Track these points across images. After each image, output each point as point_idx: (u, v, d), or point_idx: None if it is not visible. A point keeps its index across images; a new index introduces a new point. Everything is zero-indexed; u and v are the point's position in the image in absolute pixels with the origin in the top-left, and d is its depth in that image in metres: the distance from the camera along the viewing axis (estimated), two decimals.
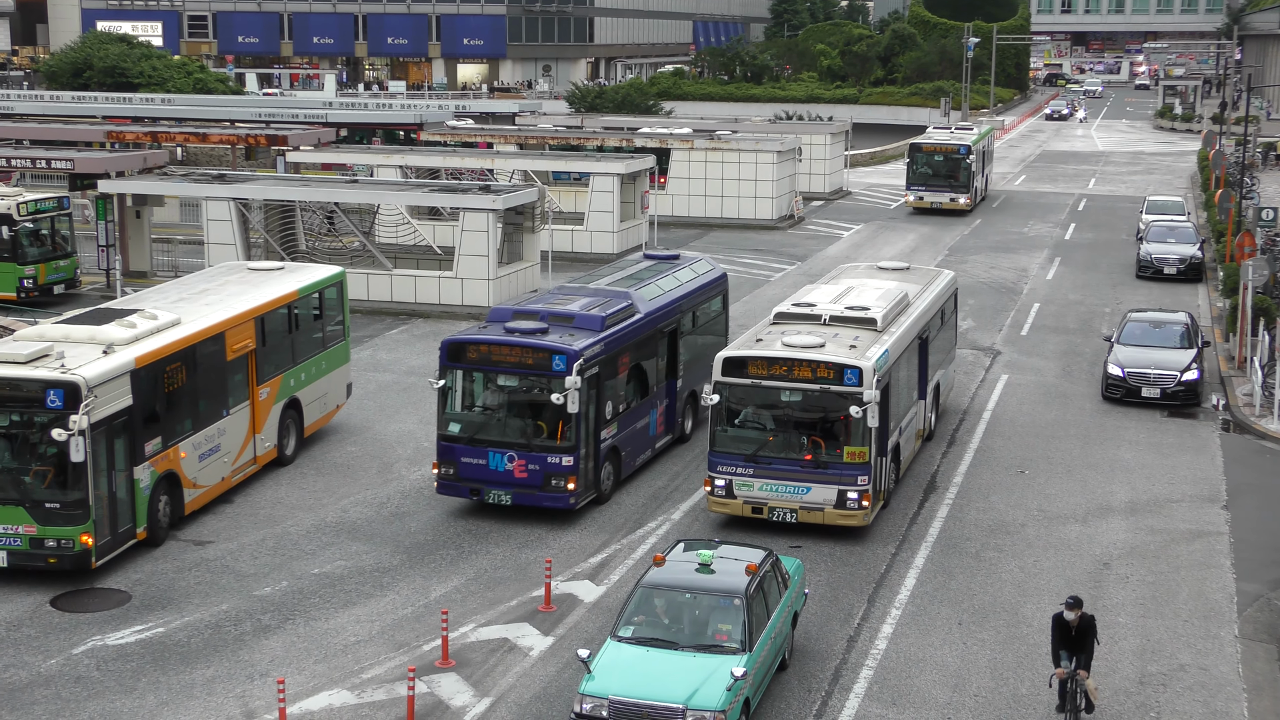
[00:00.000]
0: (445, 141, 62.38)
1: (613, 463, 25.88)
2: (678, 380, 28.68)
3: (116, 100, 77.75)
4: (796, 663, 19.70)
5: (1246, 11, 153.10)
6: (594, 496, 25.33)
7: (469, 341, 25.05)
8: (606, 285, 28.43)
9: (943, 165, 63.62)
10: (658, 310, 27.78)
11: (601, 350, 25.02)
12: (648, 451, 27.56)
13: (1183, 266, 48.29)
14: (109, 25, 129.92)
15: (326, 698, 18.61)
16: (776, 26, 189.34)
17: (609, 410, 25.51)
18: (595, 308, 26.18)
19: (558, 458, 24.31)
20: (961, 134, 68.16)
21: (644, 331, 26.97)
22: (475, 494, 24.73)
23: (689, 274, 30.31)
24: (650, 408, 27.54)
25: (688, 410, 29.47)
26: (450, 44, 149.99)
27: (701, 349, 29.76)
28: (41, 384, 21.65)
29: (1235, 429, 31.51)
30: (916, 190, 64.17)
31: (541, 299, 27.24)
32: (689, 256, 32.06)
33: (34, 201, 41.63)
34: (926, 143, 65.60)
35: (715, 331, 31.12)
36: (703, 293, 30.34)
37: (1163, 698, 18.96)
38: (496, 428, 24.94)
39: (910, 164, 64.64)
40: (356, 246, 43.43)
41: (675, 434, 28.96)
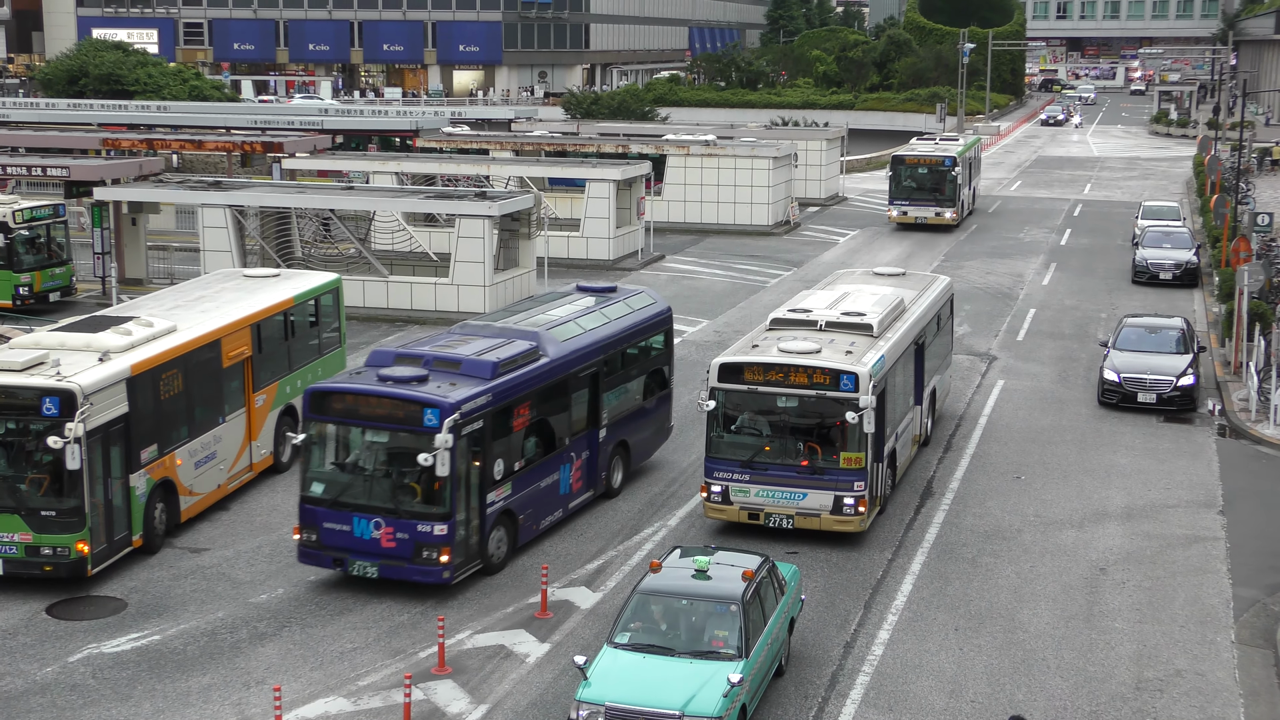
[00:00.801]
0: (441, 148, 62.41)
1: (506, 528, 22.91)
2: (601, 430, 25.78)
3: (112, 108, 77.78)
4: (793, 669, 19.69)
5: (1241, 17, 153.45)
6: (478, 567, 22.39)
7: (334, 391, 22.25)
8: (516, 323, 25.41)
9: (927, 178, 60.38)
10: (574, 353, 24.87)
11: (489, 401, 22.18)
12: (558, 512, 24.54)
13: (1178, 272, 48.33)
14: (104, 33, 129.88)
15: (323, 705, 18.59)
16: (772, 32, 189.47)
17: (499, 469, 22.60)
18: (489, 352, 23.26)
19: (429, 526, 21.42)
20: (947, 145, 65.03)
21: (552, 377, 24.09)
22: (339, 564, 21.91)
23: (622, 309, 27.35)
24: (562, 463, 24.57)
25: (616, 463, 26.50)
26: (446, 50, 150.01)
27: (636, 393, 27.40)
28: (37, 392, 21.64)
29: (1231, 434, 31.52)
30: (900, 205, 60.77)
31: (434, 340, 24.56)
32: (627, 290, 29.02)
33: (29, 209, 41.60)
34: (910, 154, 62.21)
35: (655, 373, 28.30)
36: (639, 331, 27.35)
37: (1159, 703, 18.96)
38: (363, 490, 22.00)
39: (893, 177, 60.97)
40: (352, 253, 43.42)
41: (598, 490, 25.94)
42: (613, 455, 26.36)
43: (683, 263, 52.06)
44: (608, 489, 26.35)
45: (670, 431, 28.83)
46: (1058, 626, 21.23)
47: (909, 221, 60.33)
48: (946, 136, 71.55)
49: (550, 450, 24.32)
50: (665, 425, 28.62)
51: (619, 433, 26.51)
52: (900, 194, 60.67)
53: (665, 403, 28.57)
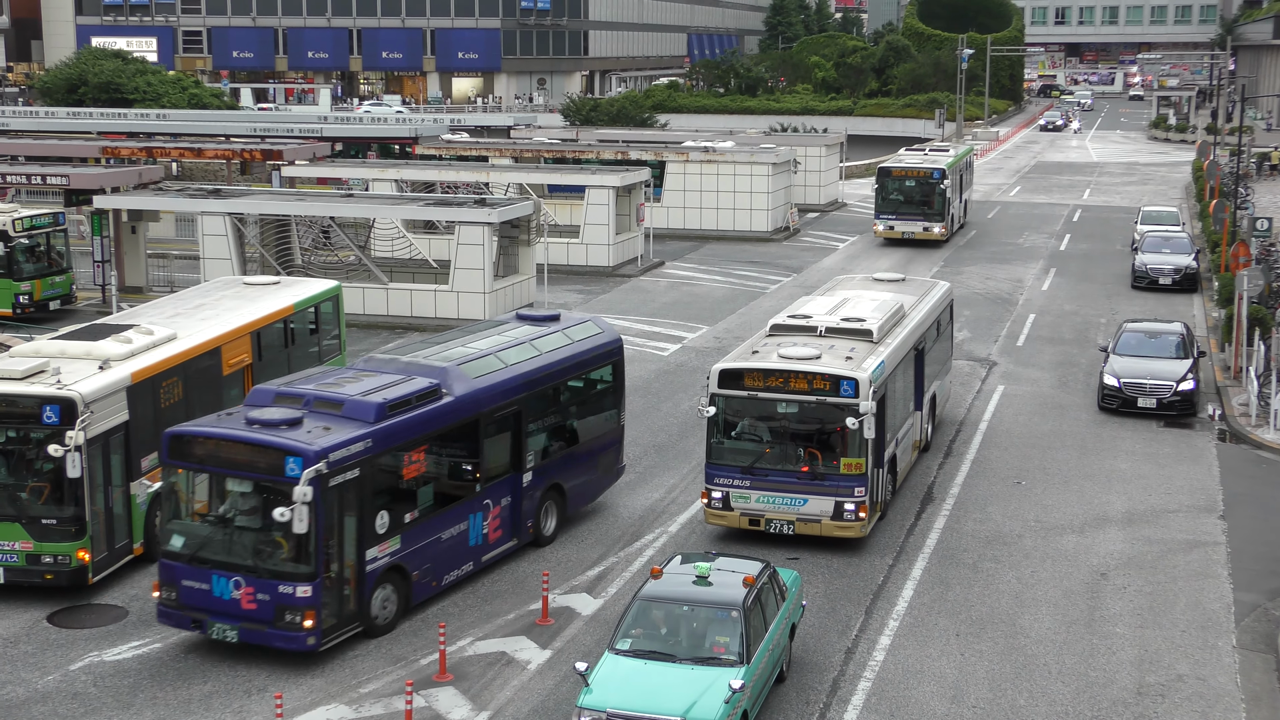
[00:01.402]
0: (440, 155, 62.44)
1: (395, 586, 20.88)
2: (525, 474, 23.66)
3: (111, 116, 77.77)
4: (794, 675, 19.68)
5: (1240, 22, 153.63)
6: (357, 630, 20.36)
7: (193, 435, 20.25)
8: (427, 357, 23.25)
9: (915, 191, 57.42)
10: (488, 390, 22.72)
11: (370, 448, 20.12)
12: (467, 565, 22.47)
13: (1178, 277, 48.35)
14: (104, 41, 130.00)
15: (324, 712, 18.58)
16: (771, 39, 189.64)
17: (383, 522, 20.50)
18: (379, 391, 21.16)
19: (291, 587, 19.34)
20: (936, 155, 61.49)
21: (457, 418, 21.99)
22: (198, 626, 19.97)
23: (559, 340, 25.17)
24: (471, 511, 22.47)
25: (549, 508, 24.41)
26: (445, 58, 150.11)
27: (574, 432, 25.33)
28: (37, 400, 21.64)
29: (1231, 439, 31.52)
30: (886, 219, 57.78)
31: (325, 377, 22.31)
32: (572, 318, 26.95)
33: (29, 217, 41.63)
34: (896, 166, 59.21)
35: (600, 409, 26.16)
36: (579, 363, 25.20)
37: (1161, 708, 18.96)
38: (223, 545, 19.99)
39: (878, 190, 58.03)
40: (352, 260, 43.44)
41: (523, 539, 23.84)
42: (543, 501, 24.16)
43: (682, 269, 52.08)
44: (536, 537, 24.12)
45: (621, 472, 26.71)
46: (1059, 632, 21.23)
47: (896, 236, 57.60)
48: (936, 147, 68.16)
49: (456, 498, 22.20)
50: (614, 466, 26.43)
51: (551, 476, 24.31)
52: (886, 208, 57.85)
53: (614, 442, 26.35)
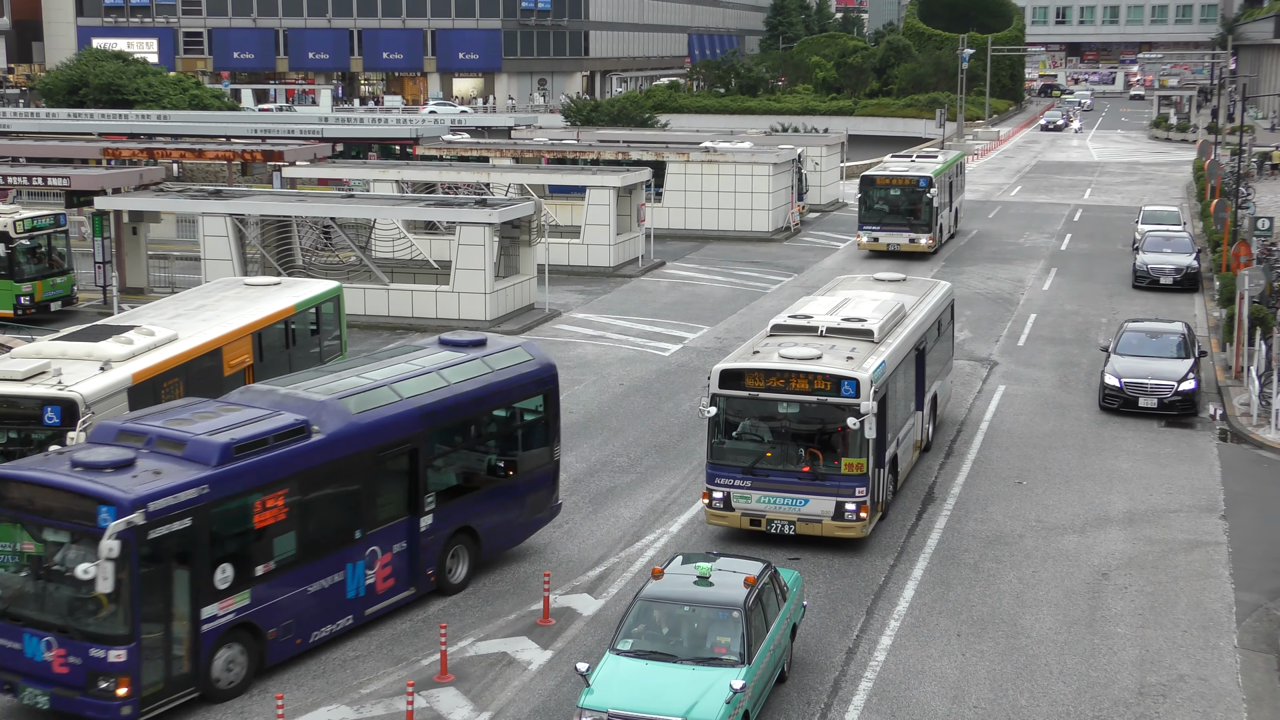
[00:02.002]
0: (441, 156, 62.45)
1: (245, 645, 18.95)
2: (425, 517, 21.62)
3: (112, 117, 77.84)
4: (795, 675, 19.68)
5: (1241, 21, 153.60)
6: (193, 695, 18.45)
7: (9, 478, 18.25)
8: (308, 389, 21.11)
9: (900, 200, 54.28)
10: (373, 426, 20.66)
11: (208, 494, 18.14)
12: (345, 619, 20.47)
13: (1179, 276, 48.34)
14: (104, 42, 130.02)
15: (325, 713, 18.58)
16: (771, 39, 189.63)
17: (225, 576, 18.53)
18: (229, 430, 19.13)
19: (104, 650, 17.42)
20: (923, 163, 58.42)
21: (331, 457, 19.92)
22: (9, 690, 18.13)
23: (476, 369, 22.98)
24: (350, 560, 20.44)
25: (458, 553, 22.42)
26: (446, 59, 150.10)
27: (493, 470, 23.39)
28: (39, 401, 21.66)
29: (1233, 439, 31.51)
30: (869, 230, 54.58)
31: (183, 409, 20.37)
32: (501, 344, 24.57)
33: (30, 219, 41.67)
34: (881, 175, 55.98)
35: (526, 444, 24.03)
36: (500, 395, 23.07)
37: (1162, 708, 18.95)
38: (37, 602, 17.98)
39: (862, 199, 54.88)
40: (353, 261, 43.45)
41: (424, 587, 21.89)
42: (449, 545, 22.20)
43: (683, 269, 52.08)
44: (441, 585, 22.15)
45: (556, 510, 24.67)
46: (1060, 632, 21.22)
47: (880, 249, 54.40)
48: (925, 153, 65.19)
49: (328, 547, 20.12)
50: (546, 504, 24.28)
51: (460, 518, 22.31)
52: (870, 218, 54.71)
53: (545, 479, 24.16)
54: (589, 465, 28.88)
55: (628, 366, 37.05)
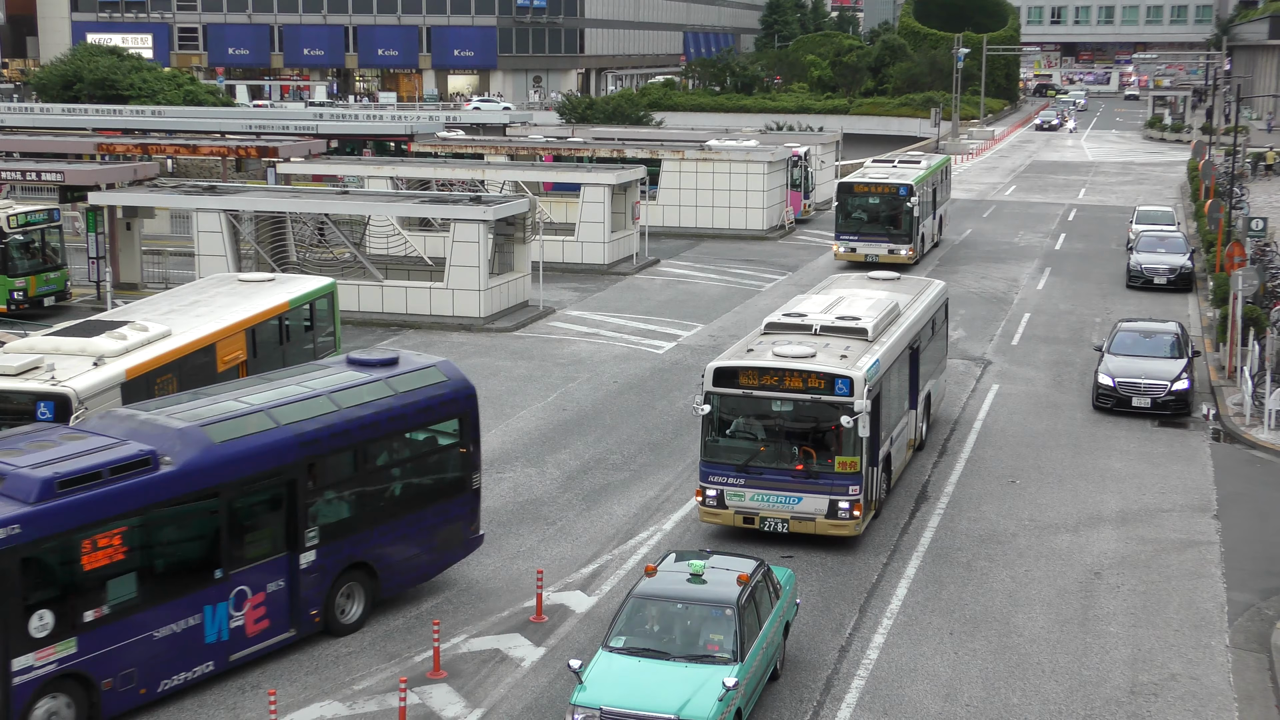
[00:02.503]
0: (436, 152, 62.43)
1: (74, 697, 17.35)
2: (306, 552, 19.93)
3: (107, 112, 77.76)
4: (788, 673, 19.70)
5: (1235, 22, 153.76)
6: None
7: None
8: (175, 413, 19.49)
9: (879, 209, 51.52)
10: (239, 456, 18.95)
11: (19, 534, 16.53)
12: (205, 665, 18.81)
13: (1173, 276, 48.41)
14: (99, 38, 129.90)
15: (318, 709, 18.57)
16: (767, 37, 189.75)
17: (43, 623, 16.94)
18: (58, 463, 17.50)
19: None
20: (905, 169, 54.85)
21: (183, 490, 18.29)
22: None
23: (376, 392, 21.14)
24: (211, 602, 18.79)
25: (352, 591, 20.78)
26: (441, 55, 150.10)
27: (395, 501, 21.42)
28: (32, 396, 21.64)
29: (1226, 438, 31.56)
30: (846, 240, 51.65)
31: (24, 438, 18.79)
32: (413, 363, 22.52)
33: (24, 214, 41.61)
34: (859, 182, 52.57)
35: (437, 471, 22.19)
36: (402, 419, 21.24)
37: (1154, 707, 18.98)
38: None
39: (839, 207, 51.96)
40: (347, 258, 43.43)
41: (307, 628, 20.21)
42: (339, 582, 20.49)
43: (678, 267, 52.09)
44: (329, 626, 20.49)
45: (475, 543, 22.86)
46: (1052, 631, 21.25)
47: (858, 260, 50.95)
48: (907, 158, 61.24)
49: (180, 589, 18.46)
50: (461, 537, 22.47)
51: (353, 553, 20.62)
52: (848, 227, 51.81)
53: (461, 510, 22.38)
54: (582, 462, 28.89)
55: (622, 364, 37.06)
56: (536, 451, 29.53)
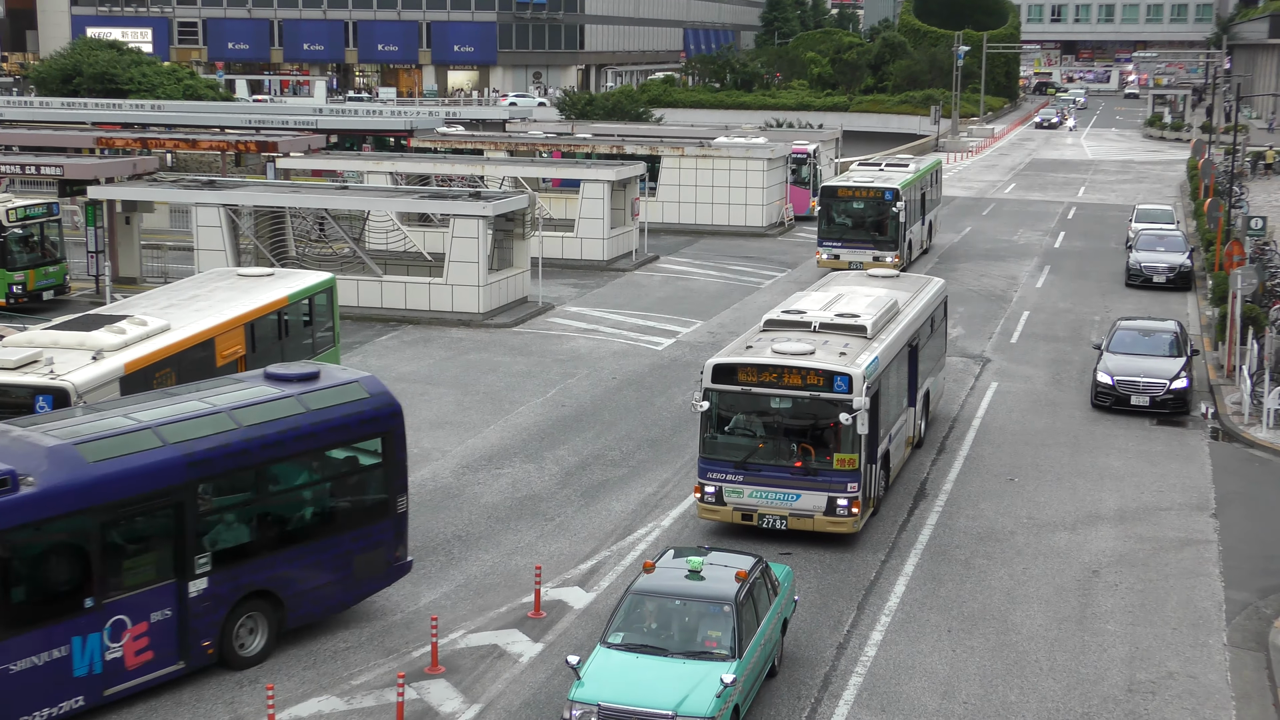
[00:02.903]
0: (435, 148, 62.41)
1: None
2: (197, 580, 18.61)
3: (106, 106, 77.79)
4: (786, 670, 19.70)
5: (1235, 21, 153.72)
6: None
7: None
8: (47, 431, 18.16)
9: (864, 214, 49.28)
10: (113, 477, 17.66)
11: None
12: (73, 701, 17.53)
13: (1172, 275, 48.41)
14: (99, 32, 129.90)
15: (316, 704, 18.57)
16: (767, 34, 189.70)
17: None
18: None
19: None
20: (891, 172, 52.46)
21: (46, 514, 17.10)
22: None
23: (287, 409, 19.79)
24: (80, 633, 17.50)
25: (254, 621, 19.44)
26: (441, 51, 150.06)
27: (305, 526, 20.19)
28: (30, 390, 21.60)
29: (1224, 437, 31.57)
30: (829, 246, 49.37)
31: None
32: (336, 378, 21.25)
33: (23, 207, 41.58)
34: (842, 185, 50.73)
35: (356, 493, 20.99)
36: (314, 438, 19.89)
37: (1151, 705, 18.99)
38: None
39: (821, 212, 49.91)
40: (347, 253, 43.41)
41: (198, 660, 18.89)
42: (235, 613, 19.20)
43: (677, 264, 52.08)
44: (226, 658, 19.23)
45: (402, 569, 21.48)
46: (1050, 628, 21.25)
47: (841, 267, 47.08)
48: (895, 161, 58.61)
49: (41, 619, 17.20)
50: (383, 563, 21.05)
51: (253, 580, 19.33)
52: (831, 233, 49.61)
53: (383, 535, 21.01)
54: (581, 459, 28.89)
55: (620, 360, 37.05)
56: (535, 447, 29.53)
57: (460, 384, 34.37)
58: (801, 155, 64.12)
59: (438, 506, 25.87)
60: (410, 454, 28.70)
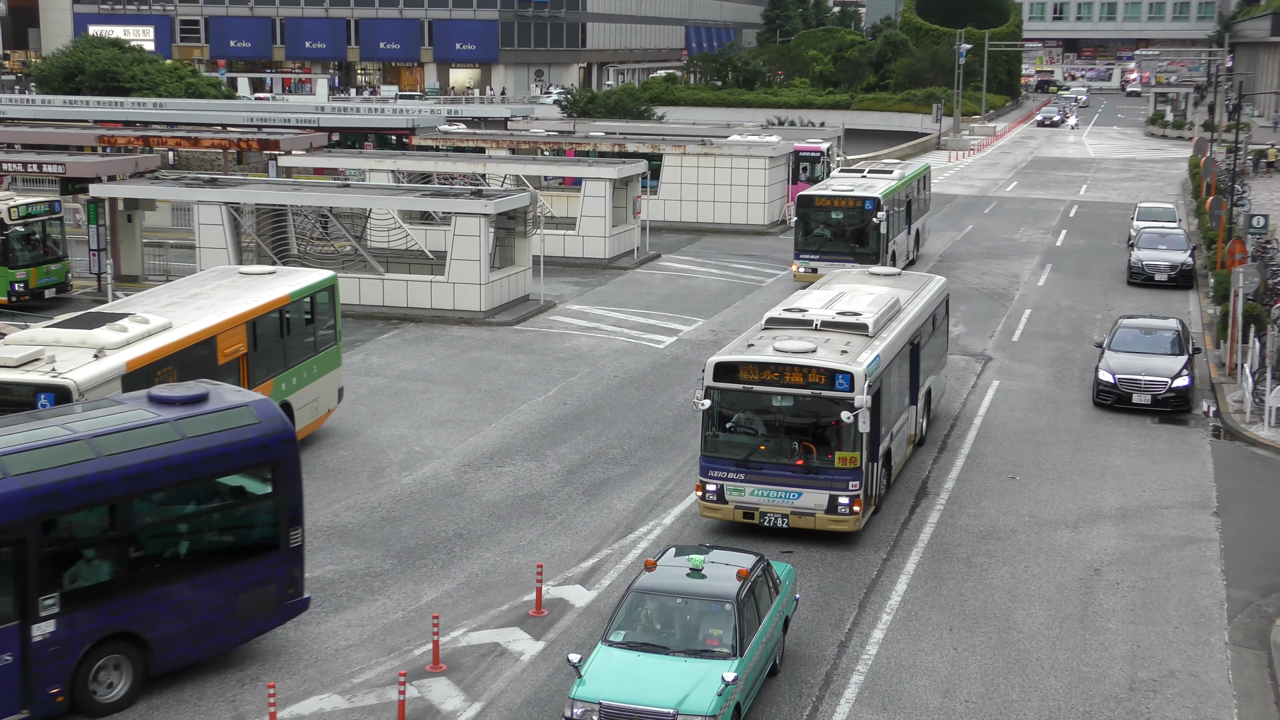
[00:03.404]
0: (437, 146, 62.41)
1: None
2: (42, 623, 17.09)
3: (108, 104, 77.79)
4: (787, 668, 19.71)
5: (1238, 19, 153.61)
6: None
7: None
8: None
9: (843, 224, 46.20)
10: None
11: None
12: None
13: (1174, 273, 48.40)
14: (101, 29, 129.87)
15: (317, 702, 18.58)
16: (769, 32, 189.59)
17: None
18: None
19: None
20: (874, 180, 49.54)
21: None
22: None
23: (160, 436, 18.28)
24: None
25: (115, 666, 17.89)
26: (443, 49, 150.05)
27: (179, 562, 18.73)
28: (32, 388, 21.61)
29: (1226, 435, 31.56)
30: (807, 259, 46.17)
31: None
32: (226, 400, 19.68)
33: (25, 205, 41.58)
34: (821, 194, 47.16)
35: (241, 527, 19.55)
36: (187, 467, 18.28)
37: (1153, 704, 18.99)
38: None
39: (799, 222, 46.61)
40: (348, 251, 43.40)
41: (45, 709, 17.35)
42: (93, 656, 17.68)
43: (679, 262, 52.08)
44: (82, 704, 17.69)
45: (295, 608, 19.93)
46: (1052, 627, 21.26)
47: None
48: (879, 168, 54.96)
49: None
50: (274, 601, 19.55)
51: (113, 622, 17.77)
52: (808, 245, 46.43)
53: (269, 571, 19.43)
54: (583, 457, 28.90)
55: (622, 359, 37.06)
56: (537, 445, 29.54)
57: (462, 382, 34.38)
58: (814, 154, 63.83)
59: (439, 505, 25.89)
60: (412, 452, 28.84)
